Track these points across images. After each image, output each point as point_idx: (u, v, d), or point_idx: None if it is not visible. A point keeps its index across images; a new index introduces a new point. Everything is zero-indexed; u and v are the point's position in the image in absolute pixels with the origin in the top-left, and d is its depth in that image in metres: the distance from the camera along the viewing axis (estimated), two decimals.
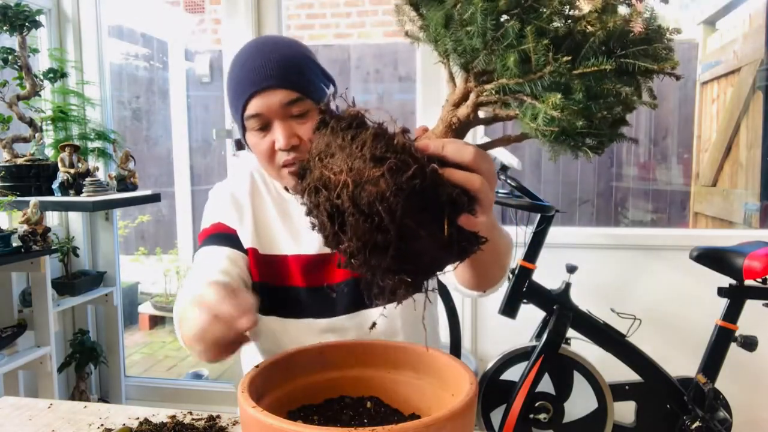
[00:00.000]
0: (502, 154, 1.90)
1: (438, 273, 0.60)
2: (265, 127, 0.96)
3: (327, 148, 0.56)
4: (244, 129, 1.00)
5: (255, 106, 0.95)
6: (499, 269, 0.92)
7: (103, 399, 2.64)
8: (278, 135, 0.95)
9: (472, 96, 0.63)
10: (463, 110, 0.64)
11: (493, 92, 0.60)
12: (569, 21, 0.59)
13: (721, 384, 1.87)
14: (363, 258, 0.54)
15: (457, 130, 0.64)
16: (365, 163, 0.52)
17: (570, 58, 0.55)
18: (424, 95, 2.27)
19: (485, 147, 0.72)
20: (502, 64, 0.56)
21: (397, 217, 0.52)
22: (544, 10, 0.56)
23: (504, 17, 0.56)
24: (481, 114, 0.65)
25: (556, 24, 0.57)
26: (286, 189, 1.06)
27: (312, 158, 0.57)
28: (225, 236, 1.06)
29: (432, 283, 0.62)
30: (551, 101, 0.55)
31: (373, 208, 0.51)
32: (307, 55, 1.00)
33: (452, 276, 0.95)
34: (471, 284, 0.94)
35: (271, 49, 0.96)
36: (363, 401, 0.74)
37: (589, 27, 0.57)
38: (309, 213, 0.57)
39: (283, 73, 0.94)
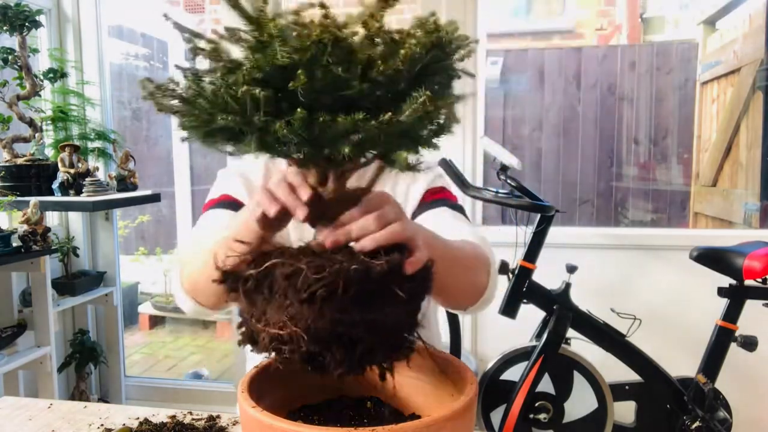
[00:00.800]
0: (502, 154, 1.90)
1: (415, 321, 0.62)
2: None
3: (256, 308, 0.58)
4: None
5: None
6: (470, 287, 0.87)
7: (103, 399, 2.64)
8: None
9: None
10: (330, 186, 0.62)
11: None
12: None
13: (721, 384, 1.87)
14: (353, 361, 0.57)
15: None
16: (300, 306, 0.54)
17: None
18: None
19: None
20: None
21: (361, 324, 0.55)
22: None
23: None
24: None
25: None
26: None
27: (250, 322, 0.59)
28: (234, 204, 1.02)
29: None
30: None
31: (336, 333, 0.54)
32: None
33: None
34: (446, 306, 0.93)
35: None
36: (363, 401, 0.74)
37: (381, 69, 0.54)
38: (285, 363, 0.58)
39: None
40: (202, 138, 0.57)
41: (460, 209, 1.04)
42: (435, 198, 1.04)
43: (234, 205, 1.02)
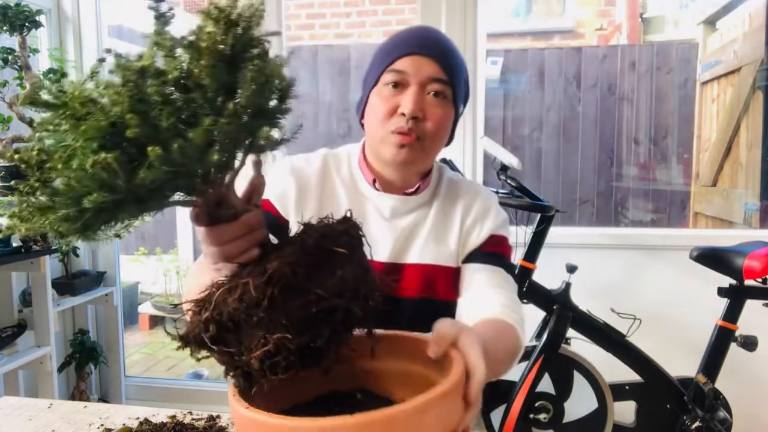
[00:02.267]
0: (502, 154, 1.90)
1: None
2: (398, 86, 0.96)
3: (231, 347, 0.58)
4: (374, 84, 0.98)
5: (405, 63, 0.95)
6: (496, 375, 0.89)
7: (103, 399, 2.64)
8: (408, 99, 0.94)
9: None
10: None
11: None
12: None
13: (721, 384, 1.87)
14: (341, 330, 0.59)
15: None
16: (267, 312, 0.55)
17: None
18: None
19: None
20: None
21: (326, 295, 0.58)
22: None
23: None
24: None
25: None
26: (373, 182, 1.03)
27: (234, 364, 0.59)
28: (271, 218, 1.01)
29: None
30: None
31: (311, 315, 0.57)
32: (465, 65, 1.03)
33: None
34: None
35: (442, 35, 1.01)
36: (353, 394, 0.74)
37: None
38: (286, 371, 0.58)
39: (444, 54, 0.97)
40: (81, 232, 0.54)
41: (511, 270, 1.04)
42: (495, 250, 1.03)
43: (271, 218, 1.00)
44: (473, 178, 2.29)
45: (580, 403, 1.90)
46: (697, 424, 1.84)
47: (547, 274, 1.93)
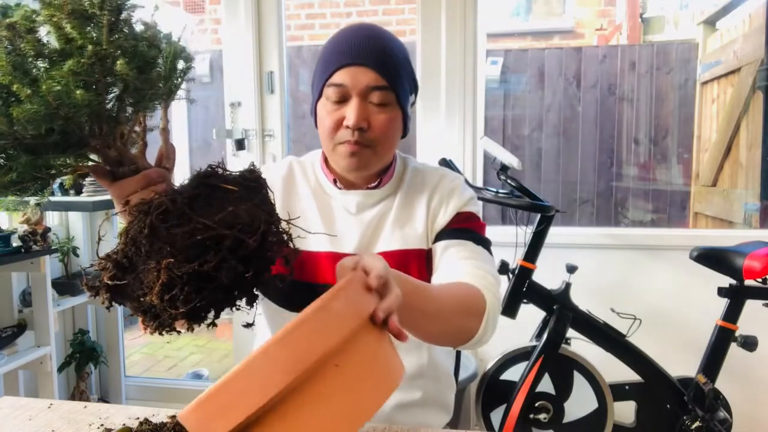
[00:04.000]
0: (502, 154, 1.90)
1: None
2: (341, 100, 0.97)
3: (134, 287, 0.60)
4: (318, 96, 1.01)
5: (342, 76, 0.96)
6: (452, 333, 0.88)
7: (103, 399, 2.64)
8: (351, 112, 0.96)
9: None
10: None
11: None
12: None
13: (721, 384, 1.87)
14: (235, 260, 0.59)
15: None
16: (150, 243, 0.58)
17: None
18: (423, 93, 2.27)
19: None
20: None
21: (213, 225, 0.59)
22: None
23: None
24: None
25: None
26: (335, 182, 1.07)
27: (141, 305, 0.60)
28: None
29: None
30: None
31: (199, 243, 0.58)
32: (407, 56, 1.02)
33: None
34: (431, 343, 0.97)
35: (376, 35, 0.99)
36: None
37: None
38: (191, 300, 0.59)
39: (381, 59, 0.96)
40: None
41: (483, 243, 1.04)
42: (461, 226, 1.04)
43: None
44: (473, 178, 2.29)
45: (580, 403, 1.90)
46: (697, 424, 1.84)
47: (547, 274, 1.93)
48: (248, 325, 0.73)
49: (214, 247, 0.58)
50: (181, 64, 0.67)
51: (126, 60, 0.60)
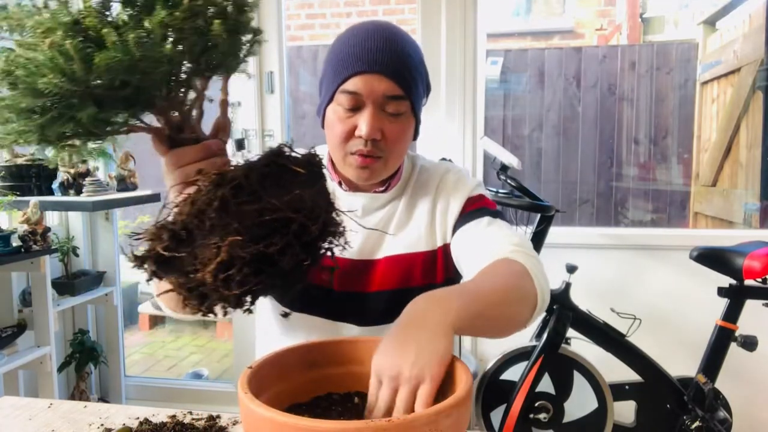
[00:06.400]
0: (502, 154, 1.90)
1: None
2: (354, 108, 0.93)
3: (184, 263, 0.56)
4: (329, 101, 0.96)
5: (356, 84, 0.91)
6: (507, 324, 0.83)
7: (103, 399, 2.64)
8: (365, 122, 0.91)
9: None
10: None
11: None
12: None
13: (721, 384, 1.87)
14: (297, 243, 0.57)
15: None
16: (219, 216, 0.54)
17: None
18: None
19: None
20: None
21: (281, 206, 0.57)
22: None
23: None
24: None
25: None
26: (339, 184, 1.04)
27: (189, 282, 0.56)
28: None
29: None
30: None
31: (266, 223, 0.55)
32: (422, 58, 0.99)
33: None
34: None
35: (392, 38, 0.94)
36: (350, 397, 0.75)
37: None
38: (242, 285, 0.56)
39: (399, 68, 0.92)
40: (40, 132, 0.55)
41: (500, 215, 1.02)
42: (474, 207, 1.03)
43: None
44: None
45: (580, 403, 1.90)
46: (697, 424, 1.84)
47: (547, 273, 1.92)
48: (285, 315, 0.74)
49: (280, 229, 0.55)
50: (247, 36, 0.63)
51: (221, 20, 0.56)
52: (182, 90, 0.61)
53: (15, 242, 1.93)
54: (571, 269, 1.92)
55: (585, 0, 4.94)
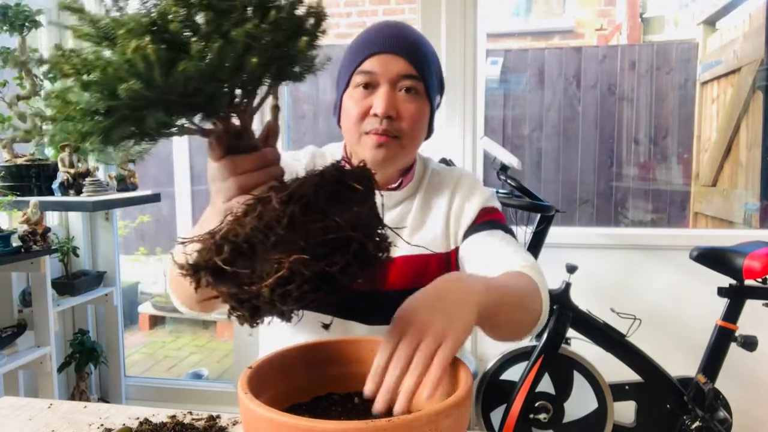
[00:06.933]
0: (502, 154, 1.90)
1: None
2: (369, 87, 0.96)
3: (239, 276, 0.55)
4: (345, 87, 0.99)
5: (372, 63, 0.95)
6: (524, 321, 0.87)
7: (103, 399, 2.64)
8: (379, 99, 0.94)
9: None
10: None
11: None
12: None
13: (721, 384, 1.87)
14: (355, 262, 0.57)
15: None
16: (287, 233, 0.53)
17: None
18: None
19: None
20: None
21: (343, 225, 0.56)
22: None
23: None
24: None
25: None
26: (354, 164, 1.04)
27: (241, 295, 0.56)
28: None
29: None
30: None
31: (329, 241, 0.55)
32: (436, 55, 1.02)
33: None
34: (501, 340, 0.94)
35: (408, 28, 1.00)
36: (351, 397, 0.75)
37: None
38: (296, 302, 0.55)
39: (411, 49, 0.96)
40: (104, 134, 0.53)
41: (510, 232, 1.04)
42: (489, 219, 1.04)
43: None
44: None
45: (580, 403, 1.90)
46: (697, 424, 1.84)
47: (547, 274, 1.92)
48: (326, 326, 0.73)
49: (341, 248, 0.55)
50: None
51: (308, 37, 0.56)
52: (251, 97, 0.60)
53: (15, 242, 1.93)
54: (571, 269, 1.92)
55: (585, 0, 4.94)
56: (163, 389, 2.73)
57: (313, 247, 0.53)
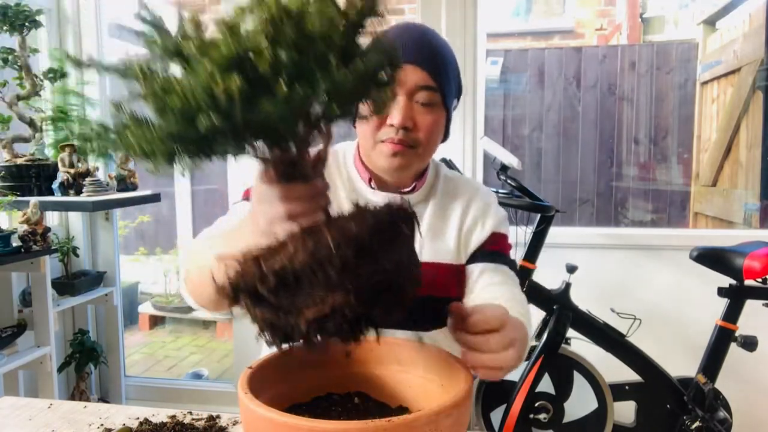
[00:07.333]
0: (502, 154, 1.90)
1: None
2: None
3: (280, 305, 0.55)
4: None
5: None
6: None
7: (103, 399, 2.64)
8: (397, 110, 0.94)
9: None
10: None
11: None
12: None
13: (721, 384, 1.87)
14: (396, 304, 0.59)
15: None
16: (338, 274, 0.53)
17: None
18: None
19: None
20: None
21: (390, 268, 0.57)
22: None
23: None
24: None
25: None
26: (369, 181, 1.03)
27: (277, 321, 0.56)
28: None
29: None
30: None
31: (375, 283, 0.55)
32: (455, 59, 1.02)
33: None
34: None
35: (428, 34, 0.99)
36: (350, 397, 0.75)
37: None
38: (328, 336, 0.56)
39: (431, 58, 0.95)
40: (169, 154, 0.53)
41: (513, 267, 1.05)
42: (497, 249, 1.04)
43: None
44: (473, 178, 2.29)
45: (580, 403, 1.90)
46: (697, 424, 1.84)
47: (547, 274, 1.93)
48: (347, 354, 0.73)
49: (385, 291, 0.56)
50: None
51: (386, 87, 0.57)
52: (314, 127, 0.60)
53: (15, 242, 1.93)
54: (571, 269, 1.92)
55: (585, 0, 4.94)
56: (163, 389, 2.73)
57: (359, 291, 0.53)
